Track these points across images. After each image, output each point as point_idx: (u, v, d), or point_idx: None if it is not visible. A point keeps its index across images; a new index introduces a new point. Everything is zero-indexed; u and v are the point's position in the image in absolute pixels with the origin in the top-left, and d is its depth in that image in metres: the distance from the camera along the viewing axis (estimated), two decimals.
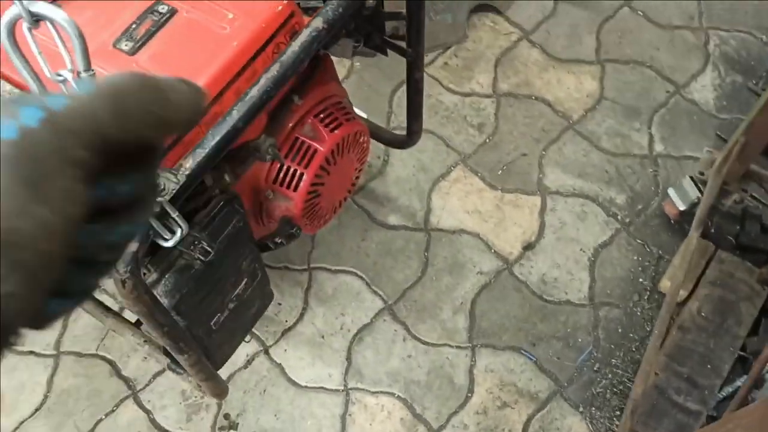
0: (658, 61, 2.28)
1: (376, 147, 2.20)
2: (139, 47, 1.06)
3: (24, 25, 0.76)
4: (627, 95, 2.24)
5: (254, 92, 0.98)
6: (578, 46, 2.33)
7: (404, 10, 1.28)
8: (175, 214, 0.95)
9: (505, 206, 2.11)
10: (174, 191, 0.94)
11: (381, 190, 2.15)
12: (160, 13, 1.07)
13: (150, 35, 1.06)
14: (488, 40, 2.36)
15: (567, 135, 2.20)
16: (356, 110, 1.88)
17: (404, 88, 1.64)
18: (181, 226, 0.97)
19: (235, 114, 0.97)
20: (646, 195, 2.10)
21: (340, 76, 2.32)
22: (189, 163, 0.96)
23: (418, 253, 2.06)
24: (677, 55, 2.30)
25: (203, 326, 1.35)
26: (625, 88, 2.25)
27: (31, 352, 1.97)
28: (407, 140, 1.69)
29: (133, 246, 0.95)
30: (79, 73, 0.79)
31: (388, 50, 1.47)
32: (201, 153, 0.96)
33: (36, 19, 0.75)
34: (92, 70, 0.80)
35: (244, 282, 1.42)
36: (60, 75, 0.79)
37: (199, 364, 1.29)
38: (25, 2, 0.74)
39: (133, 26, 1.07)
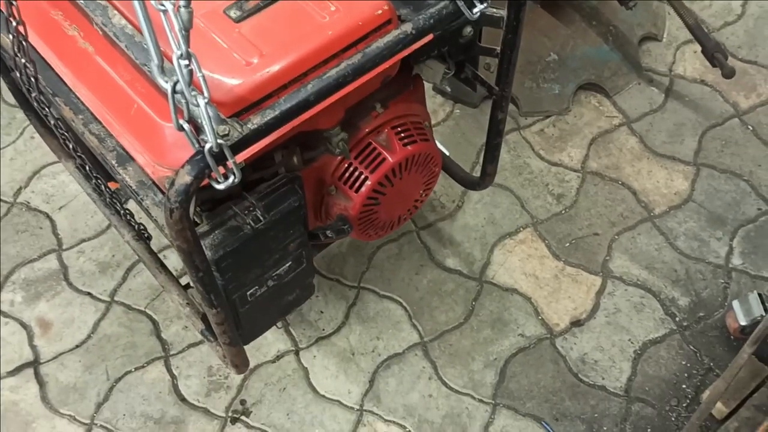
0: (756, 178, 2.23)
1: (452, 191, 2.25)
2: (245, 17, 1.17)
3: None
4: (716, 203, 2.19)
5: (332, 73, 1.07)
6: (678, 144, 2.31)
7: (499, 48, 1.35)
8: (232, 161, 1.03)
9: (564, 278, 2.09)
10: (236, 139, 1.02)
11: (447, 231, 2.19)
12: None
13: (258, 9, 1.18)
14: (589, 117, 2.39)
15: (644, 226, 2.17)
16: (440, 145, 1.95)
17: None
18: (235, 174, 1.04)
19: (310, 88, 1.06)
20: (711, 305, 2.03)
21: (440, 118, 2.42)
22: (257, 120, 1.04)
23: (466, 301, 2.07)
24: None
25: (239, 293, 1.41)
26: (715, 196, 2.21)
27: (89, 294, 2.11)
28: (480, 182, 1.72)
29: (187, 179, 1.03)
30: (179, 7, 0.90)
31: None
32: (270, 114, 1.04)
33: None
34: (191, 8, 0.90)
35: (287, 264, 1.48)
36: (163, 5, 0.90)
37: (226, 324, 1.35)
38: None
39: None
